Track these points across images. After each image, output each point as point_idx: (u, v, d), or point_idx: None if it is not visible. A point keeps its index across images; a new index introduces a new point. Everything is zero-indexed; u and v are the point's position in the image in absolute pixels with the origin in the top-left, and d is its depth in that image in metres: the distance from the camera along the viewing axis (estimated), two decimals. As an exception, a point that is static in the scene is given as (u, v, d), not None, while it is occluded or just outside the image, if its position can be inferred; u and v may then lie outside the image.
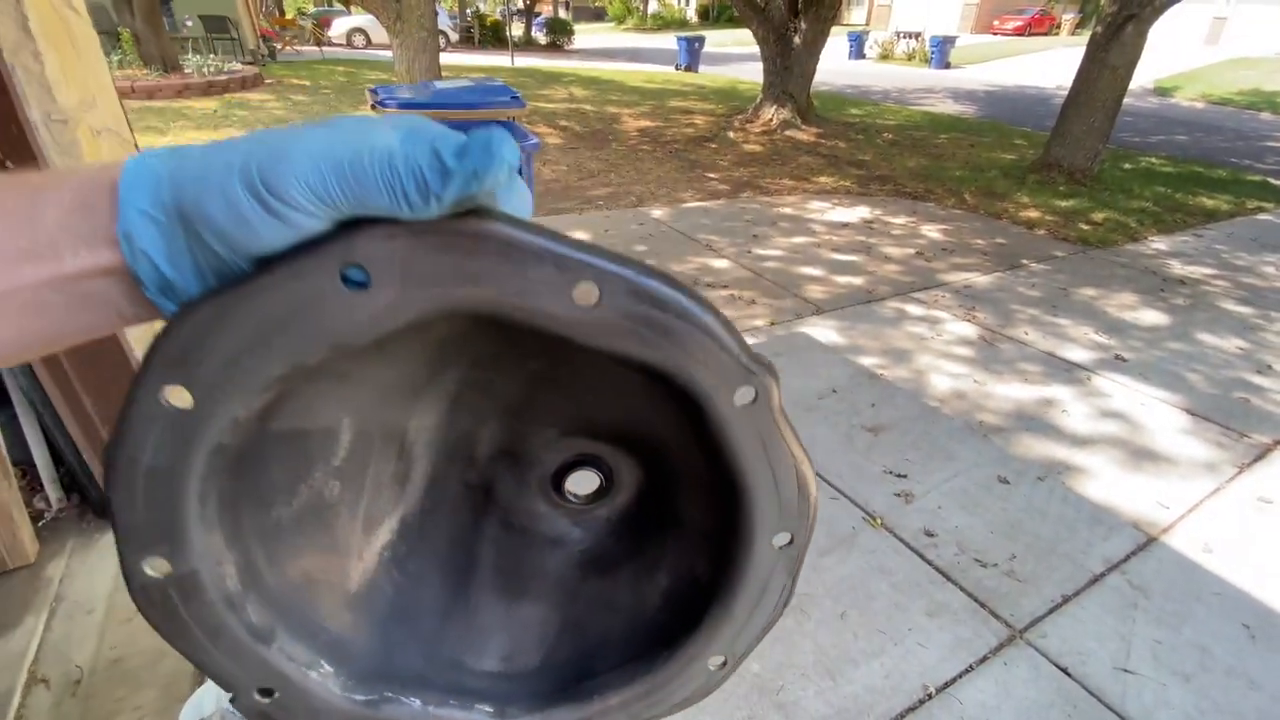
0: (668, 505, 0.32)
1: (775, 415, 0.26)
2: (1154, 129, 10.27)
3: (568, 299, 0.22)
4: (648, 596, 0.31)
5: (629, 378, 0.25)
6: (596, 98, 10.12)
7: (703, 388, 0.24)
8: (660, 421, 0.29)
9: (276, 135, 0.20)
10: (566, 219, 4.46)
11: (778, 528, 0.29)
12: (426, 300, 0.21)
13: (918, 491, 2.00)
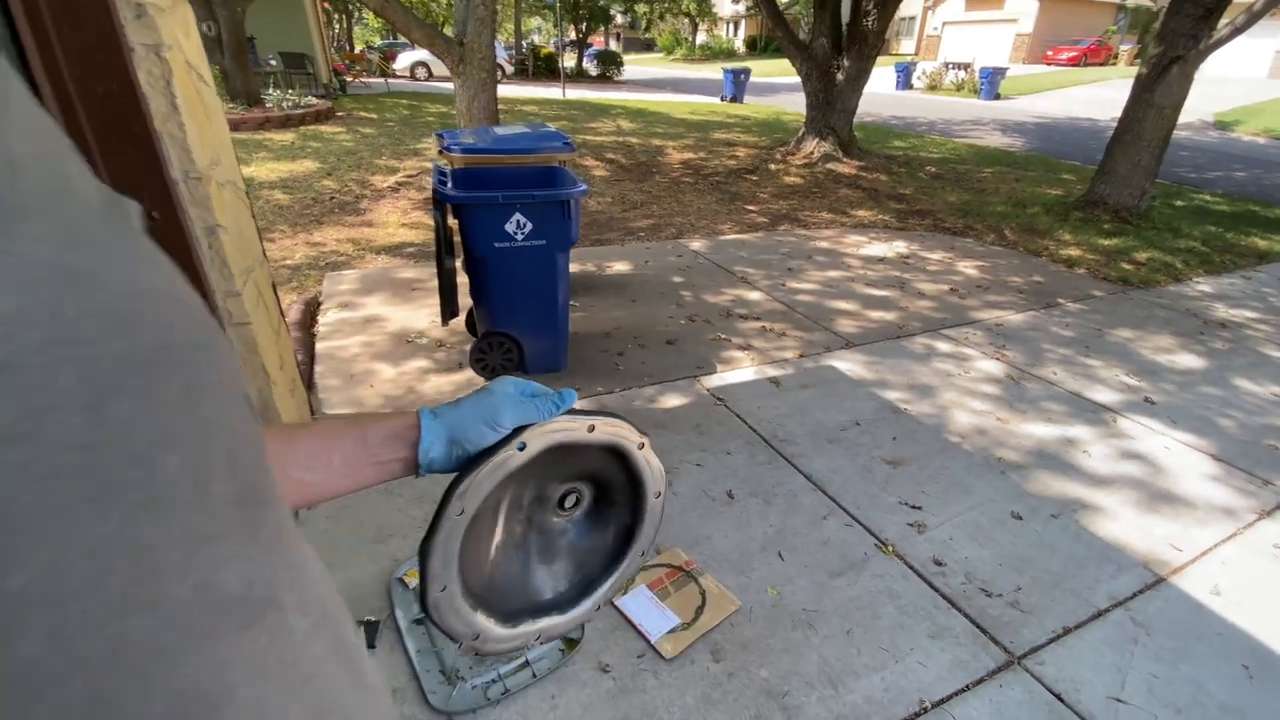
0: (607, 498, 0.57)
1: (647, 452, 0.55)
2: (1211, 164, 9.99)
3: (584, 434, 0.49)
4: (608, 539, 0.57)
5: (595, 453, 0.52)
6: (642, 130, 10.48)
7: (630, 449, 0.50)
8: (603, 465, 0.55)
9: (496, 402, 0.46)
10: (609, 249, 4.70)
11: (655, 490, 0.58)
12: (541, 447, 0.47)
13: (931, 523, 2.10)
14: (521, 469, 0.48)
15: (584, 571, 0.56)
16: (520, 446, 0.46)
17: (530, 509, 0.53)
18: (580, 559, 0.56)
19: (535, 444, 0.47)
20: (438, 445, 0.45)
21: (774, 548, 1.96)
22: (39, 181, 0.21)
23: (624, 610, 1.69)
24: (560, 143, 2.91)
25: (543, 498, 0.53)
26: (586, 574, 0.56)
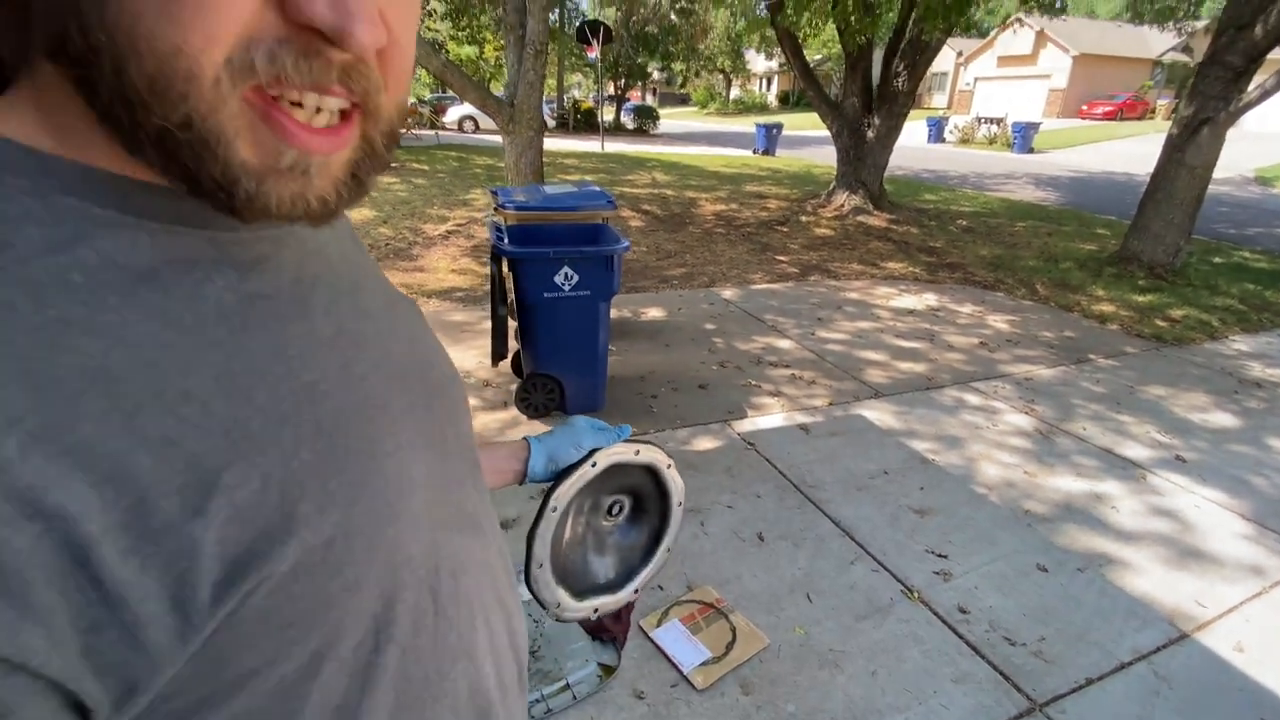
0: (642, 507, 0.73)
1: (673, 471, 0.72)
2: (1252, 220, 9.89)
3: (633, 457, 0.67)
4: (642, 539, 0.74)
5: (637, 471, 0.70)
6: (677, 182, 10.87)
7: (661, 469, 0.68)
8: (641, 481, 0.71)
9: (578, 432, 0.65)
10: (644, 296, 4.91)
11: (677, 500, 0.73)
12: (607, 465, 0.64)
13: (956, 571, 2.16)
14: (590, 482, 0.66)
15: (626, 564, 0.73)
16: (593, 464, 0.64)
17: (588, 514, 0.70)
18: (623, 554, 0.73)
19: (602, 462, 0.65)
20: (540, 461, 0.65)
21: (802, 589, 2.05)
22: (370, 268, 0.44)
23: (658, 642, 1.80)
24: (604, 201, 3.14)
25: (596, 506, 0.71)
26: (628, 565, 0.73)
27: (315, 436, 0.32)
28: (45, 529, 0.23)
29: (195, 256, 0.31)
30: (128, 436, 0.26)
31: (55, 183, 0.28)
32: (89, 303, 0.27)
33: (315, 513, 0.31)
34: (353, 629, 0.34)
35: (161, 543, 0.26)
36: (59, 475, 0.24)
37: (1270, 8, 4.99)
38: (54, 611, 0.24)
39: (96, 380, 0.26)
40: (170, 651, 0.27)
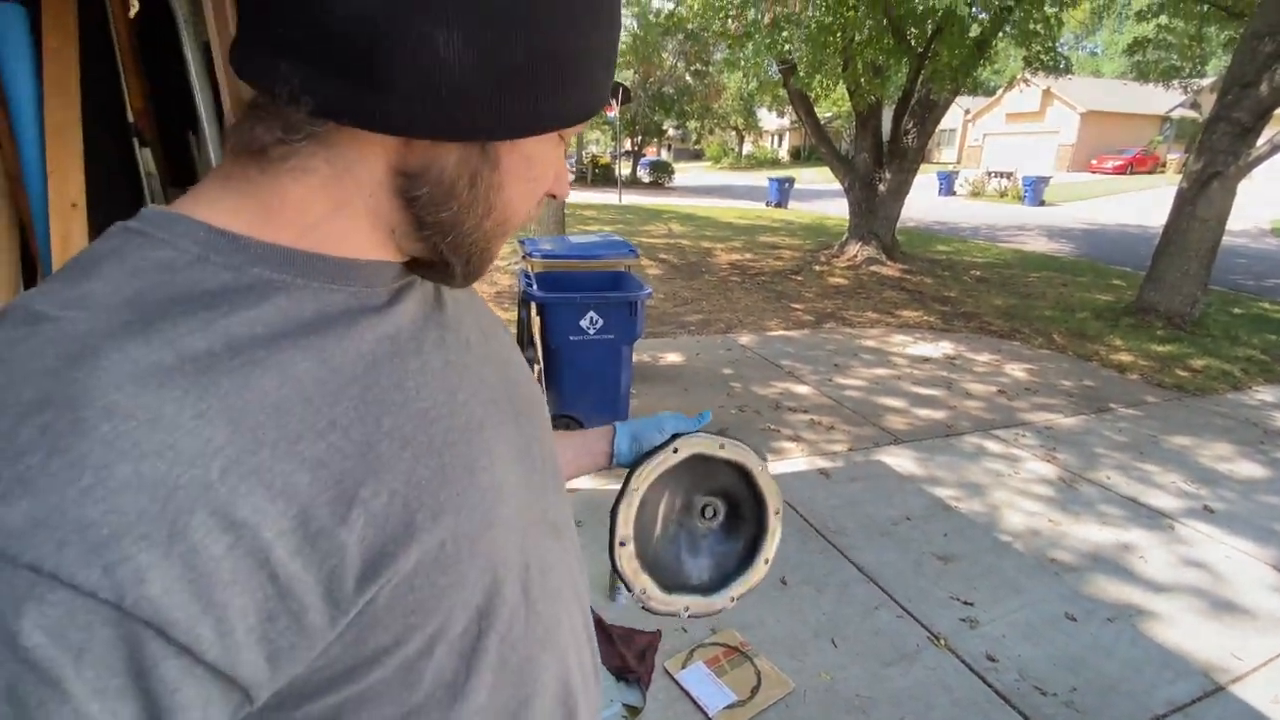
0: (738, 513, 0.75)
1: (766, 474, 0.72)
2: (1271, 272, 9.87)
3: (716, 449, 0.68)
4: (739, 547, 0.74)
5: (726, 470, 0.71)
6: (692, 233, 11.13)
7: (753, 470, 0.69)
8: (733, 483, 0.73)
9: (661, 418, 0.70)
10: (663, 341, 5.00)
11: (774, 508, 0.73)
12: (687, 453, 0.67)
13: (983, 619, 2.14)
14: (673, 472, 0.68)
15: (721, 570, 0.73)
16: (674, 450, 0.67)
17: (680, 514, 0.72)
18: (717, 559, 0.73)
19: (684, 450, 0.67)
20: (624, 442, 0.70)
21: (826, 634, 2.04)
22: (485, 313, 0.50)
23: (683, 684, 1.79)
24: (627, 250, 3.27)
25: (689, 506, 0.72)
26: (723, 571, 0.73)
27: (429, 455, 0.38)
28: (236, 539, 0.29)
29: (345, 308, 0.37)
30: (293, 459, 0.31)
31: (245, 258, 0.35)
32: (269, 349, 0.33)
33: (430, 520, 0.37)
34: (460, 617, 0.40)
35: (318, 545, 0.32)
36: (246, 493, 0.29)
37: (1276, 65, 5.14)
38: (229, 605, 0.29)
39: (272, 413, 0.31)
40: (323, 633, 0.33)
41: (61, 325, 0.29)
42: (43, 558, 0.25)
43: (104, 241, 0.34)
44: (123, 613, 0.26)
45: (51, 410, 0.27)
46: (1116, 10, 10.23)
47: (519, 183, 0.40)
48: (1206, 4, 6.90)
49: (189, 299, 0.32)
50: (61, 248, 1.77)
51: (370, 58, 0.32)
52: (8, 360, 0.28)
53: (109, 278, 0.32)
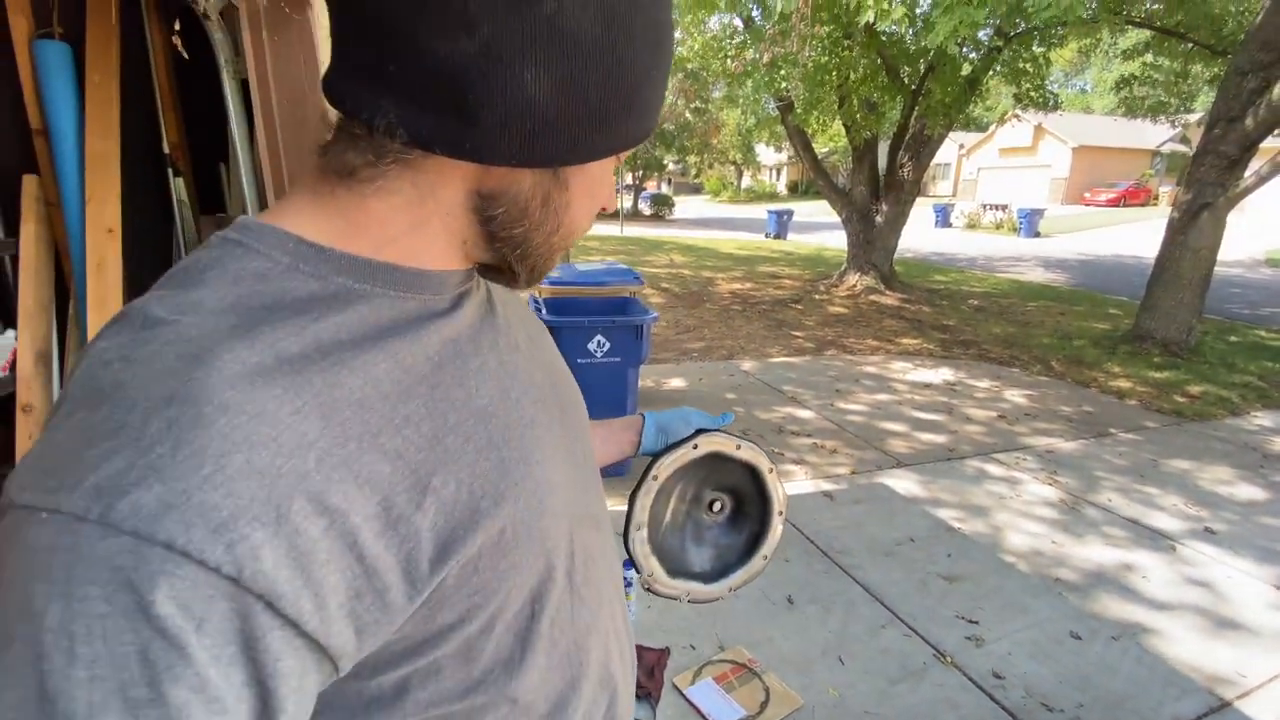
0: (742, 510, 0.79)
1: (775, 477, 0.75)
2: (1266, 301, 9.98)
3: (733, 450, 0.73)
4: (740, 541, 0.78)
5: (738, 469, 0.75)
6: (693, 263, 11.29)
7: (763, 471, 0.74)
8: (742, 482, 0.77)
9: (687, 412, 0.75)
10: (666, 368, 5.06)
11: (778, 510, 0.76)
12: (706, 450, 0.72)
13: (989, 637, 2.15)
14: (691, 466, 0.72)
15: (722, 560, 0.77)
16: (694, 446, 0.70)
17: (689, 505, 0.76)
18: (720, 551, 0.77)
19: (704, 446, 0.70)
20: (652, 432, 0.74)
21: (834, 652, 2.05)
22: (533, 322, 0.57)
23: (693, 700, 1.81)
24: (632, 277, 3.36)
25: (698, 498, 0.76)
26: (724, 562, 0.77)
27: (489, 449, 0.41)
28: (330, 523, 0.32)
29: (415, 314, 0.41)
30: (375, 451, 0.35)
31: (331, 268, 0.38)
32: (353, 351, 0.36)
33: (492, 508, 0.40)
34: (517, 599, 0.43)
35: (398, 529, 0.35)
36: (338, 481, 0.33)
37: (1260, 100, 5.32)
38: (324, 583, 0.32)
39: (356, 409, 0.35)
40: (402, 610, 0.36)
41: (178, 328, 0.33)
42: (174, 536, 0.28)
43: (206, 251, 0.38)
44: (239, 587, 0.29)
45: (176, 406, 0.30)
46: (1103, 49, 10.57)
47: (584, 200, 0.44)
48: (1191, 43, 7.14)
49: (282, 305, 0.35)
50: (97, 272, 1.85)
51: (464, 96, 0.35)
52: (134, 360, 0.32)
53: (214, 285, 0.35)
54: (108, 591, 0.27)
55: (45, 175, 1.89)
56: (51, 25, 1.90)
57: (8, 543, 0.29)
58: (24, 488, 0.30)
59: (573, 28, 0.35)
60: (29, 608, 0.27)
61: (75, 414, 0.31)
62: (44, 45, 1.87)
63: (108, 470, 0.28)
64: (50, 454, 0.30)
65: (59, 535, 0.28)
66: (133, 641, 0.27)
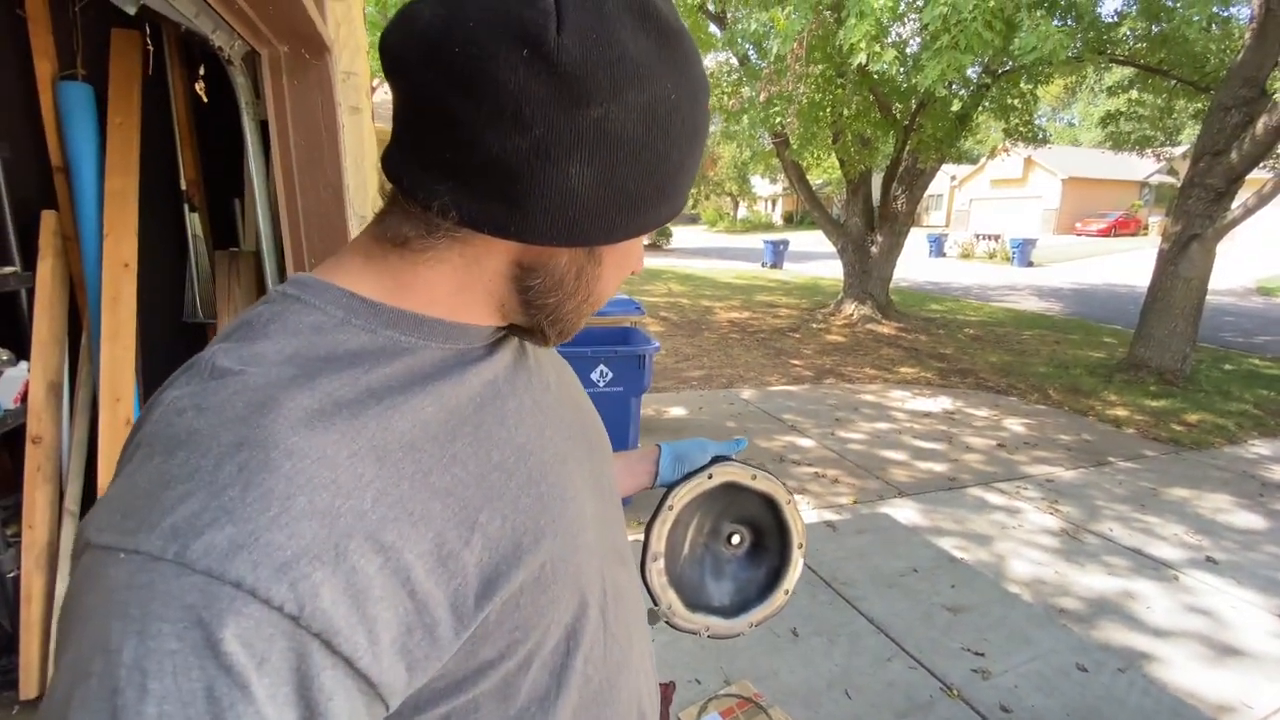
0: (762, 543, 0.78)
1: (794, 508, 0.74)
2: (1259, 329, 10.08)
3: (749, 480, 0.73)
4: (760, 575, 0.77)
5: (755, 500, 0.75)
6: (691, 292, 11.40)
7: (780, 502, 0.74)
8: (760, 513, 0.77)
9: (703, 441, 0.76)
10: (666, 396, 5.08)
11: (798, 543, 0.75)
12: (721, 480, 0.73)
13: (995, 669, 2.14)
14: (706, 497, 0.72)
15: (742, 595, 0.75)
16: (709, 476, 0.70)
17: (708, 537, 0.76)
18: (740, 585, 0.76)
19: (719, 476, 0.70)
20: (669, 463, 0.75)
21: (840, 685, 2.04)
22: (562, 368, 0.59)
23: (698, 734, 1.79)
24: (634, 307, 3.40)
25: (717, 530, 0.76)
26: (744, 597, 0.75)
27: (528, 485, 0.43)
28: (385, 560, 0.33)
29: (456, 359, 0.44)
30: (427, 490, 0.37)
31: (375, 321, 0.41)
32: (403, 395, 0.39)
33: (533, 544, 0.41)
34: (554, 635, 0.44)
35: (447, 565, 0.36)
36: (393, 520, 0.34)
37: (1244, 135, 5.47)
38: (378, 619, 0.33)
39: (408, 450, 0.37)
40: (449, 645, 0.37)
41: (244, 379, 0.35)
42: (243, 576, 0.29)
43: (268, 305, 0.41)
44: (298, 625, 0.30)
45: (246, 451, 0.32)
46: (1089, 85, 10.86)
47: (613, 271, 0.47)
48: (1174, 79, 7.35)
49: (337, 357, 0.38)
50: (112, 306, 1.88)
51: (514, 186, 0.38)
52: (205, 409, 0.34)
53: (275, 337, 0.38)
54: (179, 629, 0.28)
55: (64, 211, 1.94)
56: (75, 67, 1.97)
57: (87, 581, 0.31)
58: (102, 529, 0.31)
59: (617, 130, 0.37)
60: (106, 644, 0.28)
61: (152, 459, 0.33)
62: (67, 86, 1.93)
63: (184, 512, 0.30)
64: (128, 497, 0.32)
65: (136, 574, 0.29)
66: (200, 679, 0.28)
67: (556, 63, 0.35)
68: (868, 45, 4.77)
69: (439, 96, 0.37)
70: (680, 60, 0.39)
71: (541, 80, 0.35)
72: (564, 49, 0.35)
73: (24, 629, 1.77)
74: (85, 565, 0.31)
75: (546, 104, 0.35)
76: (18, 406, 1.83)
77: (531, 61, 0.35)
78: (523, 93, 0.35)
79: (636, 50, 0.37)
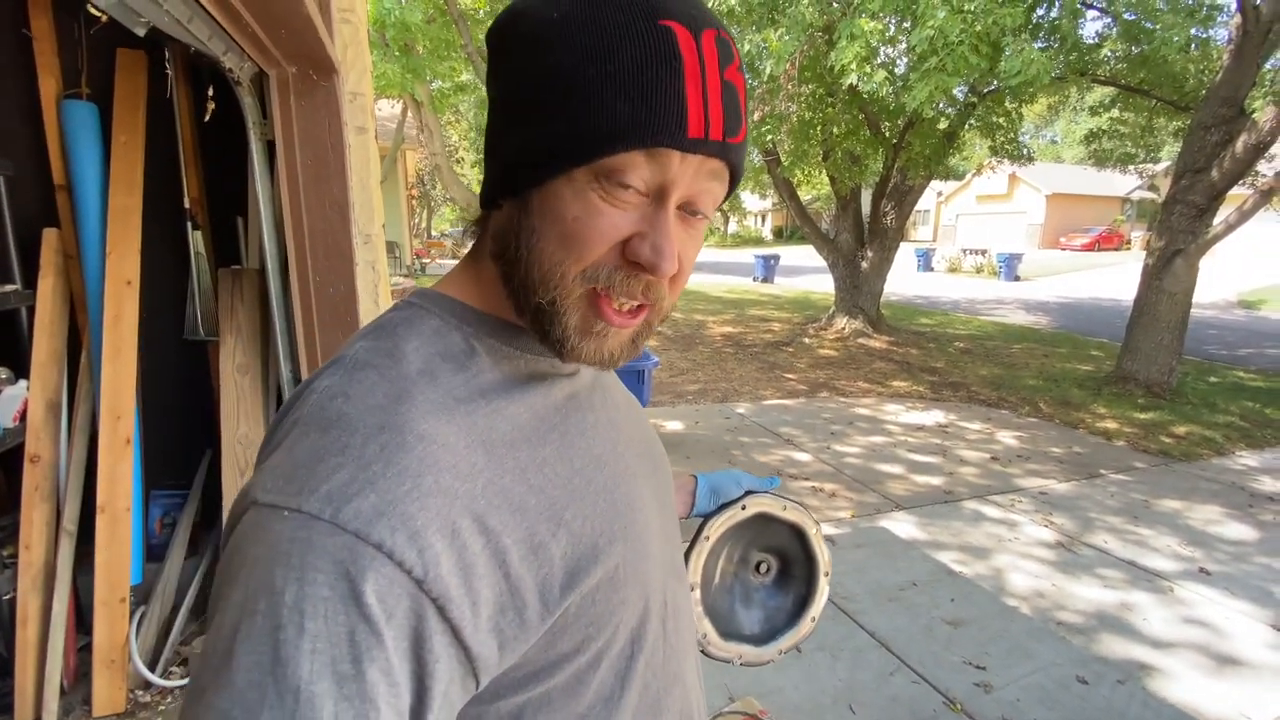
0: (789, 571, 0.79)
1: (819, 537, 0.76)
2: (1242, 342, 10.26)
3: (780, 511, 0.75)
4: (788, 603, 0.78)
5: (784, 530, 0.77)
6: (684, 306, 11.44)
7: (808, 532, 0.75)
8: (788, 543, 0.78)
9: (737, 474, 0.77)
10: (661, 410, 5.09)
11: (824, 570, 0.77)
12: (754, 513, 0.74)
13: (997, 683, 2.15)
14: (739, 527, 0.73)
15: (771, 623, 0.77)
16: (742, 507, 0.72)
17: (737, 566, 0.77)
18: (768, 613, 0.77)
19: (751, 508, 0.72)
20: (705, 495, 0.75)
21: (844, 700, 2.04)
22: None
23: (704, 752, 1.78)
24: (632, 323, 3.43)
25: (745, 559, 0.77)
26: (773, 625, 0.77)
27: (603, 492, 0.46)
28: (487, 541, 0.37)
29: (546, 373, 0.48)
30: (524, 484, 0.41)
31: (479, 329, 0.46)
32: (504, 399, 0.43)
33: (608, 545, 0.44)
34: (622, 636, 0.46)
35: (538, 554, 0.39)
36: (497, 507, 0.38)
37: (1224, 153, 5.60)
38: (480, 594, 0.36)
39: (509, 447, 0.41)
40: (535, 629, 0.39)
41: (382, 371, 0.40)
42: (383, 539, 0.33)
43: (397, 312, 0.46)
44: (421, 589, 0.33)
45: (387, 433, 0.36)
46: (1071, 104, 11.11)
47: (552, 228, 0.41)
48: (1154, 99, 7.53)
49: (452, 357, 0.43)
50: (114, 324, 1.88)
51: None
52: (352, 396, 0.38)
53: (404, 338, 0.43)
54: (331, 579, 0.32)
55: (66, 229, 1.94)
56: (80, 86, 1.98)
57: (254, 533, 0.34)
58: (268, 490, 0.35)
59: (513, 65, 0.42)
60: (271, 586, 0.32)
61: (309, 435, 0.37)
62: (71, 105, 1.94)
63: (337, 481, 0.34)
64: (289, 465, 0.36)
65: (299, 529, 0.33)
66: (345, 623, 0.31)
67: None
68: (858, 66, 4.87)
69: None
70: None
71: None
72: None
73: (19, 652, 1.74)
74: (251, 520, 0.35)
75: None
76: (16, 425, 1.82)
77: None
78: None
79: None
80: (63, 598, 1.81)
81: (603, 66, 0.38)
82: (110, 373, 1.87)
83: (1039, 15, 6.22)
